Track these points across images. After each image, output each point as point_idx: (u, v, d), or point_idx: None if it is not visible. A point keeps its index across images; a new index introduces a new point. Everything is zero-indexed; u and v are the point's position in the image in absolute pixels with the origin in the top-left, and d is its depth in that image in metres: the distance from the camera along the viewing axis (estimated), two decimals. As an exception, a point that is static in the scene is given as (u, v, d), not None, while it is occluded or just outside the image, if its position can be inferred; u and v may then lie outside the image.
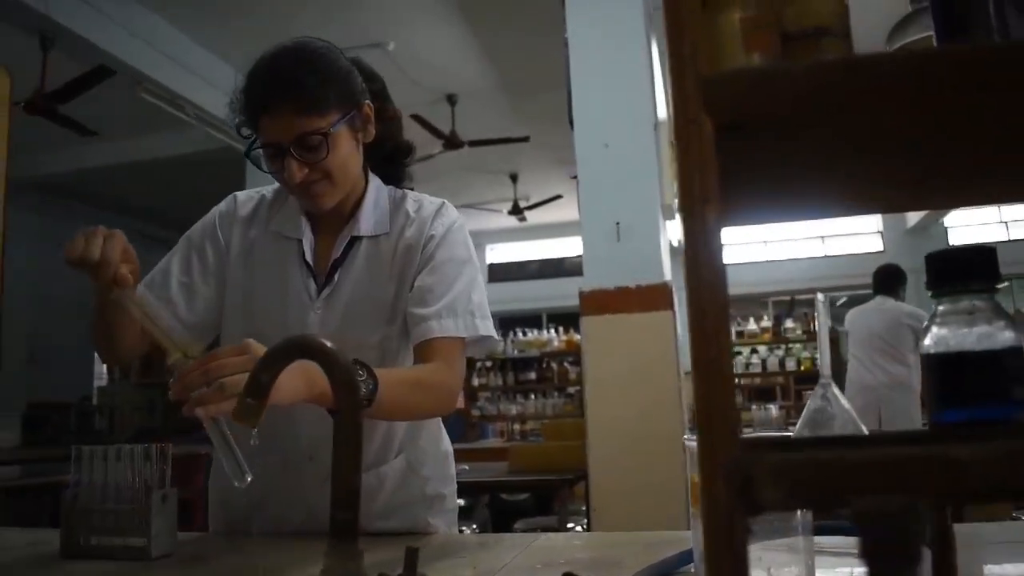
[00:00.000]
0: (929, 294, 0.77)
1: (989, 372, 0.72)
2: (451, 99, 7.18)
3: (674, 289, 3.58)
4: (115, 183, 8.25)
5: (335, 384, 0.81)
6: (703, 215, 0.55)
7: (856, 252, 10.23)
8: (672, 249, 10.09)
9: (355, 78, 1.43)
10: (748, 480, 0.52)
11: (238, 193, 1.61)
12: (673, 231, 9.25)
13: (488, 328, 1.44)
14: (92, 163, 7.75)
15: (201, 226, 1.57)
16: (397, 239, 1.48)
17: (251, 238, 1.53)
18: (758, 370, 6.95)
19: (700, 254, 0.54)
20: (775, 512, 0.55)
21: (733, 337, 5.94)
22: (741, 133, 0.60)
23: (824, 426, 0.79)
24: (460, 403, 8.33)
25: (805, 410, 0.81)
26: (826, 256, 8.64)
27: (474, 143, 7.18)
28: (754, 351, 6.91)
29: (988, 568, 1.07)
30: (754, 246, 10.27)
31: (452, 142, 7.18)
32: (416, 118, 6.90)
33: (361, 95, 1.43)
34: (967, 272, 0.75)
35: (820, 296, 0.82)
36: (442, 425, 1.64)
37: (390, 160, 1.57)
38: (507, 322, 9.57)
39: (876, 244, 10.39)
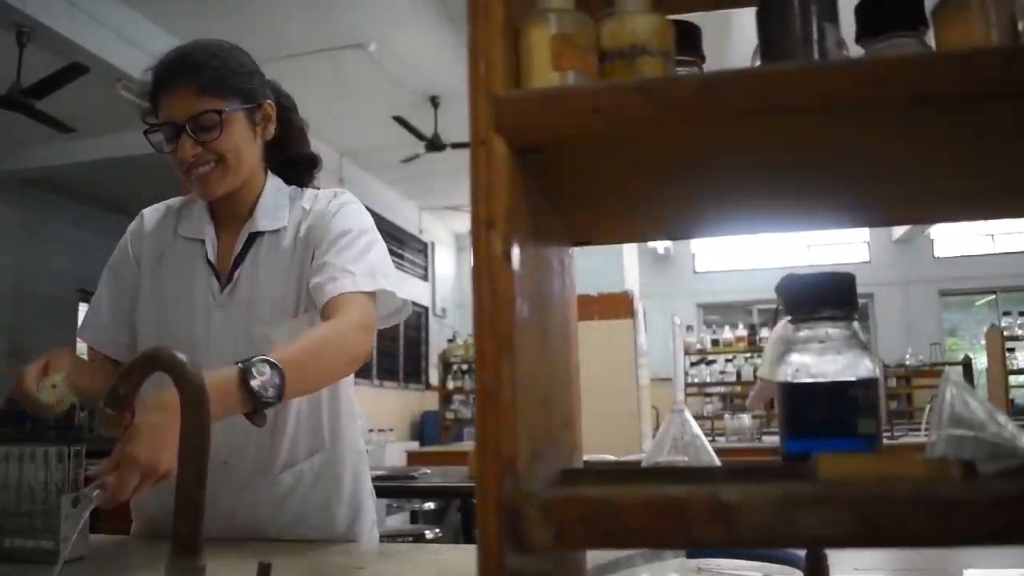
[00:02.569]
0: (787, 319, 0.76)
1: (835, 403, 0.70)
2: (434, 101, 7.16)
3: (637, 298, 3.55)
4: (94, 178, 8.20)
5: (183, 400, 0.79)
6: (487, 242, 0.52)
7: (842, 262, 10.22)
8: (656, 256, 10.13)
9: (259, 78, 1.49)
10: (519, 517, 0.50)
11: (145, 209, 1.64)
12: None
13: (389, 284, 1.44)
14: (71, 159, 7.70)
15: (116, 251, 1.61)
16: (295, 232, 1.50)
17: (160, 247, 1.56)
18: (732, 378, 6.94)
19: (482, 282, 0.52)
20: (546, 553, 0.53)
21: (708, 345, 5.87)
22: (542, 156, 0.57)
23: (680, 452, 0.77)
24: (434, 406, 8.23)
25: (658, 436, 0.79)
26: (811, 265, 8.62)
27: (457, 145, 7.16)
28: (728, 360, 6.90)
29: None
30: (740, 254, 10.27)
31: (435, 144, 7.16)
32: (398, 120, 6.88)
33: (262, 94, 1.48)
34: (821, 299, 0.73)
35: (676, 319, 0.80)
36: (359, 431, 1.63)
37: (292, 164, 1.60)
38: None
39: (863, 254, 10.39)
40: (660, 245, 9.87)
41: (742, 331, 6.91)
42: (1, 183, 8.11)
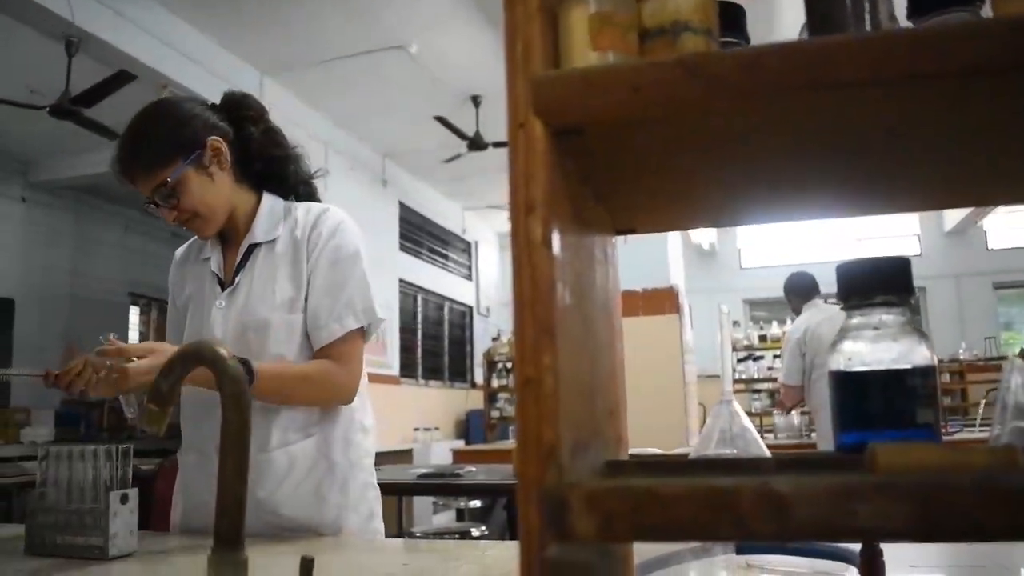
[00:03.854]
0: (839, 306, 0.73)
1: (891, 392, 0.67)
2: (475, 100, 7.16)
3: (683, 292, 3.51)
4: (146, 185, 8.36)
5: (223, 393, 0.79)
6: (526, 227, 0.51)
7: (893, 255, 10.04)
8: (702, 252, 10.03)
9: (193, 123, 1.63)
10: (563, 507, 0.49)
11: (178, 250, 1.89)
12: (697, 234, 9.18)
13: (375, 310, 1.64)
14: (123, 165, 7.85)
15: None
16: (289, 240, 1.67)
17: (185, 275, 1.79)
18: (779, 375, 6.85)
19: (523, 268, 0.51)
20: (591, 544, 0.51)
21: (755, 341, 5.78)
22: (581, 139, 0.56)
23: (728, 445, 0.75)
24: (480, 404, 8.28)
25: (705, 428, 0.77)
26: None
27: (499, 144, 7.15)
28: (776, 356, 6.79)
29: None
30: (787, 249, 10.13)
31: (476, 143, 7.16)
32: (440, 120, 6.89)
33: (203, 135, 1.62)
34: (874, 285, 0.70)
35: (724, 308, 0.77)
36: (364, 421, 1.72)
37: (269, 176, 1.74)
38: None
39: (914, 247, 10.20)
40: (705, 241, 9.78)
41: (789, 326, 6.80)
42: (54, 191, 8.29)
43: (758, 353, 6.81)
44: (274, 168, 1.74)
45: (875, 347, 0.69)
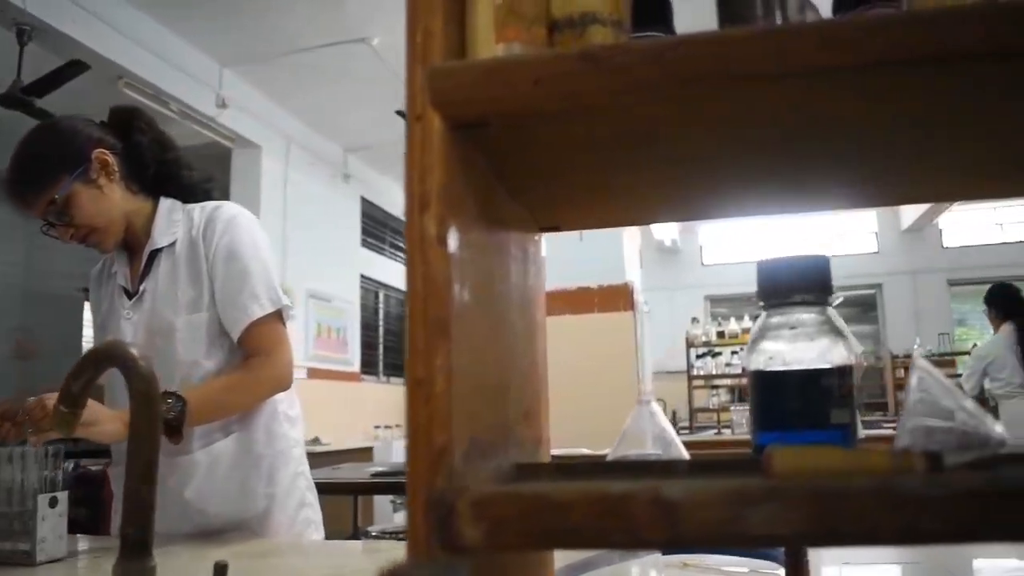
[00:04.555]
0: (760, 304, 0.72)
1: (806, 393, 0.66)
2: (437, 95, 7.11)
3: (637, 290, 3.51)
4: (102, 177, 8.21)
5: (132, 392, 0.77)
6: (420, 224, 0.49)
7: (851, 253, 10.17)
8: (663, 249, 10.07)
9: (76, 139, 1.65)
10: (450, 513, 0.47)
11: (92, 270, 1.88)
12: (659, 231, 9.21)
13: (267, 307, 1.64)
14: (77, 157, 7.70)
15: None
16: (187, 240, 1.69)
17: (101, 295, 1.80)
18: (738, 371, 6.91)
19: (416, 266, 0.49)
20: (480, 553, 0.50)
21: (714, 337, 5.82)
22: (491, 133, 0.54)
23: (647, 446, 0.74)
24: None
25: (624, 429, 0.76)
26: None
27: (460, 140, 7.10)
28: (734, 352, 6.85)
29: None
30: (747, 246, 10.22)
31: (438, 139, 7.11)
32: (402, 114, 6.82)
33: (88, 149, 1.64)
34: (792, 284, 0.70)
35: (644, 305, 0.76)
36: (290, 412, 1.74)
37: (164, 181, 1.75)
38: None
39: (871, 245, 10.32)
40: (667, 238, 9.82)
41: (748, 323, 6.86)
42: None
43: (716, 349, 6.86)
44: (167, 172, 1.76)
45: (792, 347, 0.68)
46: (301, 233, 7.27)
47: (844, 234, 10.30)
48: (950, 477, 0.44)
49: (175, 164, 1.77)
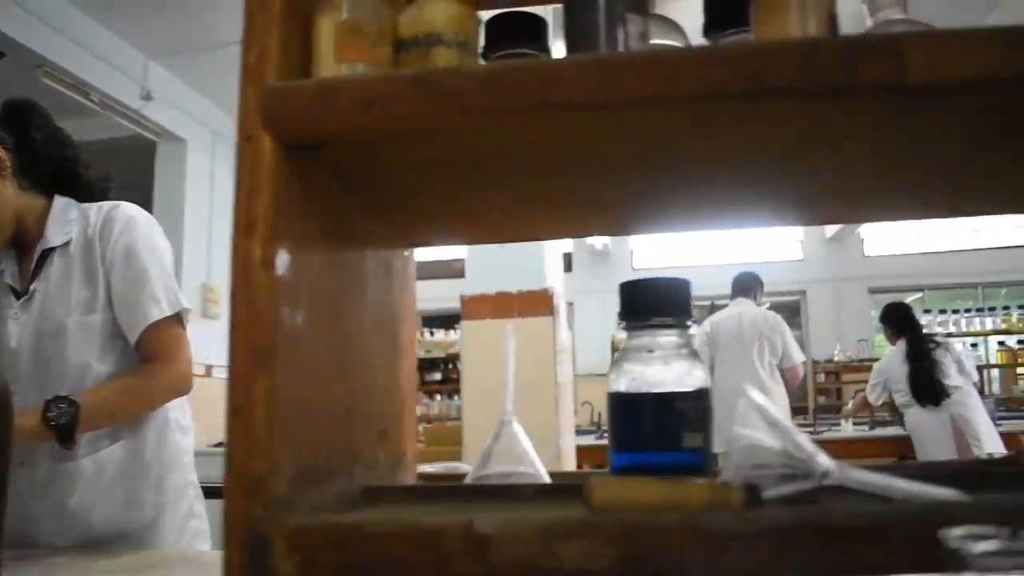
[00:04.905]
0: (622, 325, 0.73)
1: (659, 416, 0.67)
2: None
3: (557, 295, 3.52)
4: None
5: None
6: (245, 248, 0.48)
7: (778, 259, 10.37)
8: (595, 252, 10.14)
9: None
10: (265, 545, 0.46)
11: None
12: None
13: (166, 309, 1.59)
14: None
15: None
16: (82, 240, 1.63)
17: None
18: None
19: (238, 291, 0.47)
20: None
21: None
22: (330, 151, 0.53)
23: (506, 465, 0.73)
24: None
25: (485, 448, 0.75)
26: (746, 263, 8.73)
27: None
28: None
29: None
30: (677, 252, 10.35)
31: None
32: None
33: None
34: (650, 306, 0.70)
35: (510, 326, 0.76)
36: (181, 420, 1.70)
37: (59, 179, 1.69)
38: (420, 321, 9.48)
39: (797, 253, 10.54)
40: (599, 241, 9.88)
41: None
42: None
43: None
44: (63, 170, 1.70)
45: (648, 369, 0.68)
46: (226, 229, 7.13)
47: (772, 241, 10.50)
48: (758, 513, 0.45)
49: (72, 161, 1.71)
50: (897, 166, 0.60)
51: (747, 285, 4.70)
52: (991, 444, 4.45)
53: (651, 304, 0.70)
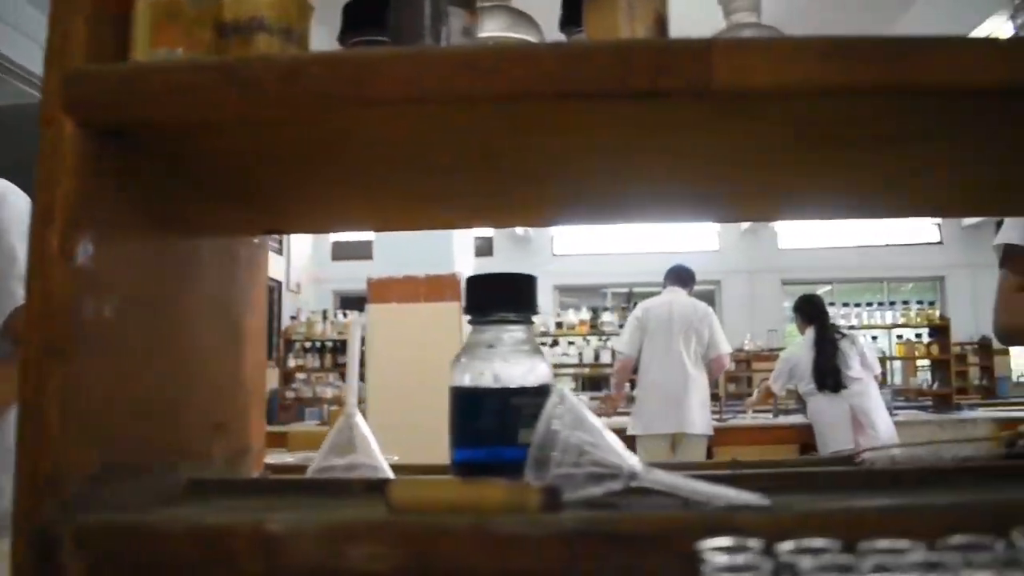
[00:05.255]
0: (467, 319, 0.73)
1: (498, 411, 0.67)
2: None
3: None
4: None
5: None
6: (43, 237, 0.46)
7: (695, 250, 10.54)
8: (516, 237, 10.17)
9: None
10: (54, 545, 0.44)
11: None
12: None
13: None
14: None
15: None
16: None
17: None
18: (575, 360, 7.08)
19: (34, 282, 0.46)
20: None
21: (552, 328, 5.90)
22: (127, 142, 0.52)
23: (343, 457, 0.73)
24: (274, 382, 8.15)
25: (327, 441, 0.75)
26: (665, 252, 8.86)
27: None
28: (570, 343, 7.01)
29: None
30: (597, 239, 10.44)
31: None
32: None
33: None
34: (493, 301, 0.70)
35: (355, 314, 0.76)
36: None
37: None
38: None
39: (714, 244, 10.73)
40: (519, 227, 9.91)
41: (585, 315, 7.03)
42: None
43: (555, 339, 7.01)
44: None
45: (488, 364, 0.68)
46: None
47: (690, 232, 10.66)
48: (548, 518, 0.45)
49: None
50: (719, 170, 0.61)
51: (683, 275, 4.78)
52: (886, 433, 4.62)
53: (495, 299, 0.70)
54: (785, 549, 0.38)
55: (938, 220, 10.44)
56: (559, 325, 6.99)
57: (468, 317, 0.71)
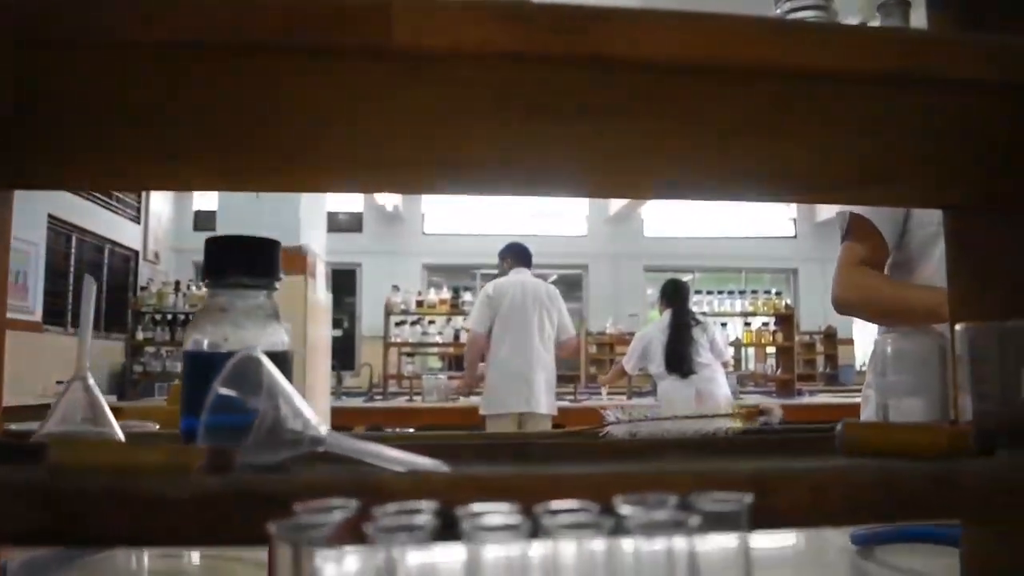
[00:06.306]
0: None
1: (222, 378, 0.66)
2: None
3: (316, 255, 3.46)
4: None
5: None
6: None
7: (563, 234, 10.70)
8: (385, 214, 10.08)
9: None
10: None
11: None
12: (383, 195, 9.21)
13: None
14: None
15: None
16: None
17: None
18: (435, 339, 7.09)
19: None
20: None
21: (413, 307, 5.85)
22: None
23: (77, 423, 0.70)
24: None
25: (59, 405, 0.72)
26: (535, 235, 8.95)
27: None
28: (431, 322, 7.01)
29: None
30: (468, 219, 10.46)
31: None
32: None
33: None
34: (231, 263, 0.69)
35: (88, 277, 0.73)
36: None
37: None
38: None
39: (582, 228, 10.91)
40: (389, 203, 9.82)
41: (446, 294, 7.03)
42: None
43: (414, 318, 6.99)
44: None
45: (218, 329, 0.67)
46: None
47: (559, 215, 10.80)
48: (189, 479, 0.44)
49: None
50: (423, 138, 0.61)
51: (525, 254, 4.79)
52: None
53: (233, 261, 0.68)
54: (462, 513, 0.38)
55: (793, 215, 10.96)
56: (419, 304, 6.97)
57: (204, 281, 0.69)
